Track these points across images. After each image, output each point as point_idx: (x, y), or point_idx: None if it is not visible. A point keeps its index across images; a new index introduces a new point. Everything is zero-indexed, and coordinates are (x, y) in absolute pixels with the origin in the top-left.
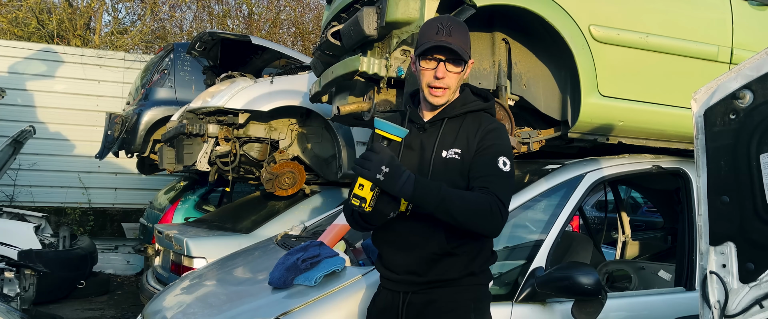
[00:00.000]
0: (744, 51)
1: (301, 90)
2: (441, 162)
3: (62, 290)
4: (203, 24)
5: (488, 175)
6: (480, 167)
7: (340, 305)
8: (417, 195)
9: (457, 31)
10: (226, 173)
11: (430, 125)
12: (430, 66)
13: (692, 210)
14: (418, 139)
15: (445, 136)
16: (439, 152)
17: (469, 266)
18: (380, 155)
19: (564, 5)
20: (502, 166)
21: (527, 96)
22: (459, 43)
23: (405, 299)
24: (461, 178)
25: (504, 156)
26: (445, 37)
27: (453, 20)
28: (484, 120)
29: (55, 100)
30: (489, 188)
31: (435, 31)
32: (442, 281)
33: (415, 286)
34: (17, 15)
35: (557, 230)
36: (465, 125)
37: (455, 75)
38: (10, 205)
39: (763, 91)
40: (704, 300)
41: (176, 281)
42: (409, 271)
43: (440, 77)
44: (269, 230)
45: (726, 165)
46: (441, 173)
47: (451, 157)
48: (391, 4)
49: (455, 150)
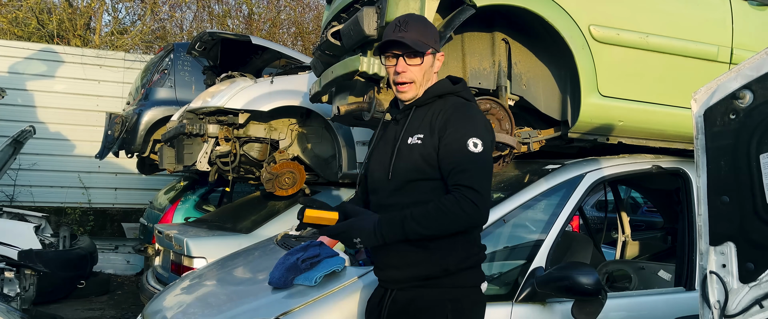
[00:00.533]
0: (744, 51)
1: (301, 90)
2: (406, 148)
3: (62, 290)
4: (203, 24)
5: (458, 165)
6: (449, 156)
7: (340, 305)
8: (387, 239)
9: (413, 26)
10: (226, 173)
11: (401, 116)
12: (391, 63)
13: (692, 210)
14: (393, 130)
15: (411, 123)
16: (405, 139)
17: (443, 263)
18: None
19: (564, 5)
20: (473, 148)
21: (527, 96)
22: (414, 37)
23: (390, 295)
24: (424, 162)
25: (473, 137)
26: (400, 33)
27: (411, 16)
28: (451, 103)
29: (55, 100)
30: (460, 181)
31: (392, 29)
32: (420, 279)
33: (398, 283)
34: (17, 15)
35: (557, 230)
36: (431, 111)
37: (416, 67)
38: (10, 205)
39: (763, 91)
40: (704, 300)
41: (176, 281)
42: (389, 264)
43: (400, 72)
44: (269, 230)
45: (726, 165)
46: (404, 159)
47: (415, 143)
48: (391, 4)
49: (418, 135)
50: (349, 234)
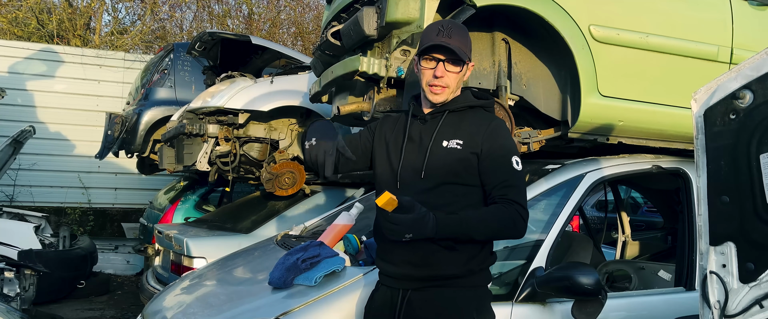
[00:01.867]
0: (744, 51)
1: (301, 90)
2: (440, 151)
3: (62, 290)
4: (203, 24)
5: (506, 180)
6: (496, 171)
7: (340, 305)
8: (442, 234)
9: (457, 34)
10: (226, 173)
11: (430, 117)
12: (430, 65)
13: (692, 210)
14: (418, 130)
15: (445, 127)
16: (439, 142)
17: (468, 264)
18: (400, 226)
19: (564, 5)
20: (516, 165)
21: (527, 96)
22: (458, 44)
23: (404, 296)
24: (461, 166)
25: (516, 155)
26: (445, 38)
27: (454, 23)
28: (486, 116)
29: (55, 100)
30: (508, 195)
31: (436, 32)
32: (441, 278)
33: (414, 282)
34: (17, 15)
35: (557, 230)
36: (466, 119)
37: (454, 75)
38: (10, 205)
39: (763, 91)
40: (704, 300)
41: (176, 281)
42: (407, 262)
43: (439, 76)
44: (269, 230)
45: (726, 165)
46: (439, 161)
47: (453, 147)
48: (391, 4)
49: (458, 141)
50: (416, 227)
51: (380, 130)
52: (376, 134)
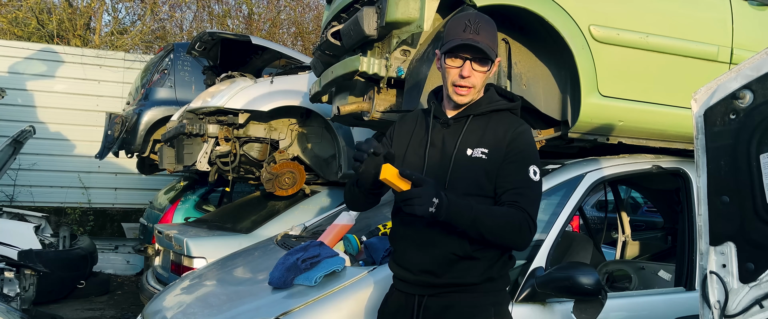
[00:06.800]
0: (744, 51)
1: (301, 90)
2: (465, 160)
3: (62, 290)
4: (203, 24)
5: (519, 187)
6: (510, 176)
7: (340, 305)
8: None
9: (485, 29)
10: (226, 173)
11: (454, 122)
12: (456, 64)
13: (692, 210)
14: (440, 135)
15: (469, 134)
16: (463, 150)
17: (488, 271)
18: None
19: (564, 5)
20: (533, 175)
21: (527, 96)
22: (486, 42)
23: (420, 302)
24: (486, 178)
25: (534, 165)
26: (472, 35)
27: (481, 17)
28: (512, 121)
29: (55, 100)
30: (519, 202)
31: (462, 28)
32: (460, 285)
33: (431, 288)
34: (17, 15)
35: (557, 230)
36: (492, 125)
37: (481, 74)
38: (10, 205)
39: (763, 91)
40: (704, 300)
41: (176, 281)
42: (425, 270)
43: (466, 76)
44: (269, 230)
45: (726, 165)
46: (463, 171)
47: (478, 157)
48: (391, 4)
49: (482, 150)
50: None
51: (399, 132)
52: (395, 137)
